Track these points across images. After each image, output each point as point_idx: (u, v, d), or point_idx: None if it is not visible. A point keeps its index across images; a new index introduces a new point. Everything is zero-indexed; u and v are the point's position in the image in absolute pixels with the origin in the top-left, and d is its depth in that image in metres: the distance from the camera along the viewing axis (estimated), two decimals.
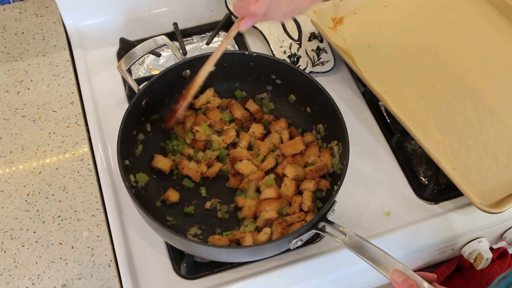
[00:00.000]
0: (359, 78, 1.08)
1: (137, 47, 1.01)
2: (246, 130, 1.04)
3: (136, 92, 0.96)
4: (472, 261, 1.02)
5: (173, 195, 0.96)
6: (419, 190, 1.02)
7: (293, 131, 1.03)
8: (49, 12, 1.24)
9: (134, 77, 1.16)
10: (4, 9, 1.24)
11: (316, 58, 1.17)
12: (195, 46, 1.23)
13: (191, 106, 1.05)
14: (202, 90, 1.04)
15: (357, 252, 0.79)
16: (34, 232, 0.94)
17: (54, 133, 1.06)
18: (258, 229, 0.92)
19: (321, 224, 0.84)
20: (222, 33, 1.25)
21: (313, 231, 0.83)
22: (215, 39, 1.23)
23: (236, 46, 1.22)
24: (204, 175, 1.00)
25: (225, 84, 1.07)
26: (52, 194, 0.98)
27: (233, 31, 0.85)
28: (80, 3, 1.19)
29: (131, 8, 1.24)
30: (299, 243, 0.83)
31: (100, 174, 1.01)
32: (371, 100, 1.14)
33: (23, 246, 0.93)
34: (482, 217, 0.99)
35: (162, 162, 0.99)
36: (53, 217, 0.96)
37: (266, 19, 0.81)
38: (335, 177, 0.96)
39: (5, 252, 0.92)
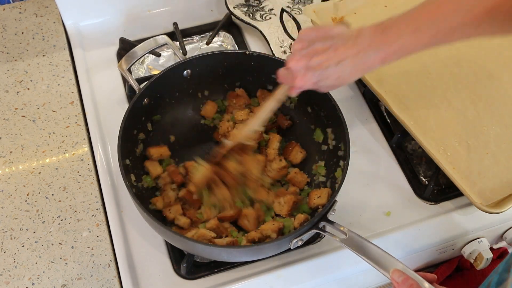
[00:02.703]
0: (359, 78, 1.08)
1: (137, 46, 1.01)
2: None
3: (137, 91, 0.96)
4: (472, 261, 1.02)
5: (159, 202, 0.95)
6: (419, 190, 1.02)
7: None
8: (49, 12, 1.24)
9: (134, 77, 1.16)
10: (4, 9, 1.24)
11: None
12: (195, 46, 1.23)
13: None
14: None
15: (358, 251, 0.79)
16: (34, 232, 0.94)
17: (54, 133, 1.06)
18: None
19: (321, 224, 0.84)
20: (222, 33, 1.25)
21: (314, 231, 0.83)
22: (215, 39, 1.23)
23: (236, 45, 1.22)
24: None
25: (225, 83, 1.07)
26: (52, 194, 0.98)
27: (279, 95, 0.87)
28: (80, 3, 1.19)
29: (131, 8, 1.24)
30: (300, 243, 0.83)
31: (100, 174, 1.01)
32: (371, 100, 1.14)
33: (23, 246, 0.93)
34: (482, 217, 0.99)
35: (153, 167, 0.97)
36: (53, 217, 0.96)
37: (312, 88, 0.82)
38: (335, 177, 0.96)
39: (5, 252, 0.92)
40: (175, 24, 1.22)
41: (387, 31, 0.74)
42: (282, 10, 1.23)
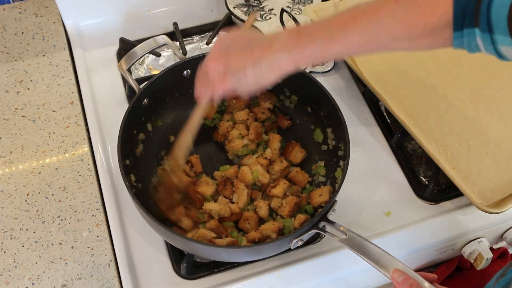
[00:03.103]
0: (359, 78, 1.08)
1: (137, 46, 1.01)
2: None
3: (137, 92, 0.96)
4: (472, 261, 1.02)
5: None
6: (419, 190, 1.02)
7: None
8: (49, 12, 1.24)
9: (134, 77, 1.16)
10: (4, 9, 1.24)
11: None
12: (195, 46, 1.23)
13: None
14: None
15: (358, 251, 0.79)
16: (34, 232, 0.94)
17: (54, 133, 1.06)
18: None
19: (321, 224, 0.84)
20: (222, 33, 1.24)
21: (314, 231, 0.83)
22: (215, 39, 1.23)
23: None
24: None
25: None
26: (52, 194, 0.98)
27: (198, 115, 0.87)
28: (80, 3, 1.19)
29: (131, 8, 1.24)
30: (300, 243, 0.83)
31: (100, 174, 1.01)
32: (371, 100, 1.14)
33: (23, 246, 0.93)
34: (482, 217, 0.99)
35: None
36: (53, 217, 0.96)
37: (233, 94, 0.80)
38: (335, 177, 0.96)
39: (5, 252, 0.92)
40: (175, 24, 1.22)
41: (301, 36, 0.74)
42: (282, 10, 1.23)
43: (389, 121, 1.12)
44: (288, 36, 0.75)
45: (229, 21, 1.25)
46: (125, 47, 1.17)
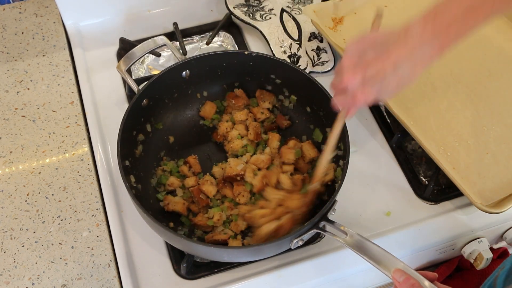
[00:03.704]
0: None
1: (136, 47, 1.01)
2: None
3: (136, 92, 0.96)
4: (472, 261, 1.02)
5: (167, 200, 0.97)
6: (419, 190, 1.02)
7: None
8: (49, 12, 1.24)
9: (134, 77, 1.16)
10: (4, 9, 1.24)
11: (316, 58, 1.17)
12: (195, 46, 1.23)
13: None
14: None
15: (359, 251, 0.78)
16: (34, 232, 0.94)
17: (54, 133, 1.06)
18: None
19: (322, 224, 0.84)
20: (222, 33, 1.25)
21: (314, 231, 0.83)
22: (215, 39, 1.23)
23: (236, 46, 1.22)
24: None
25: (224, 84, 1.07)
26: (52, 194, 0.98)
27: (338, 128, 0.85)
28: (80, 3, 1.19)
29: (131, 8, 1.24)
30: (300, 243, 0.83)
31: (100, 174, 1.01)
32: None
33: (23, 246, 0.93)
34: (482, 217, 0.99)
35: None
36: (53, 217, 0.96)
37: (369, 99, 0.74)
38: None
39: (5, 252, 0.92)
40: (175, 24, 1.22)
41: (438, 18, 0.68)
42: (282, 10, 1.23)
43: (389, 121, 1.12)
44: (423, 24, 0.69)
45: (229, 21, 1.25)
46: (125, 47, 1.17)
